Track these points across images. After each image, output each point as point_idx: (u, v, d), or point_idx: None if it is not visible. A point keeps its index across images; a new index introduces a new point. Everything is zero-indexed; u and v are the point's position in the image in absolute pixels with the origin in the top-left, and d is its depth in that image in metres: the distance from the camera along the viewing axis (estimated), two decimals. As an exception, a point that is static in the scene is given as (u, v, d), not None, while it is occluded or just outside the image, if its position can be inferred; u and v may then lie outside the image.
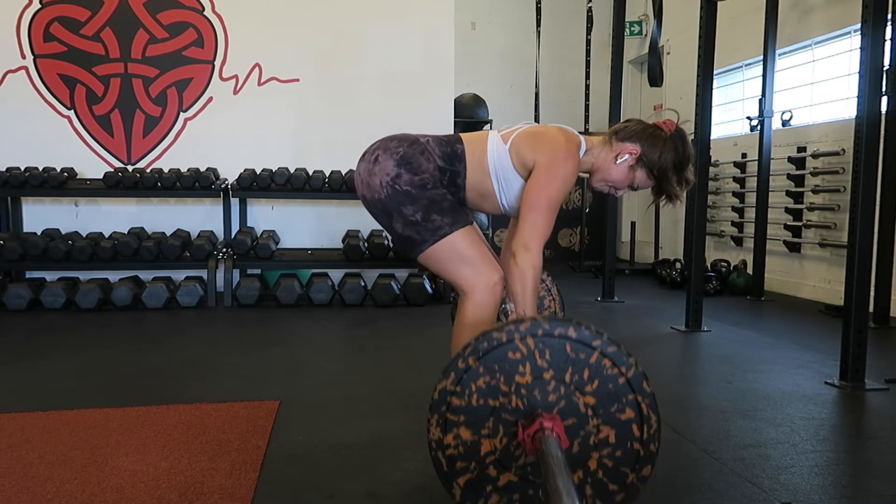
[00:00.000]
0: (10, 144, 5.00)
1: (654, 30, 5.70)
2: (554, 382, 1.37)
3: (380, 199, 1.84)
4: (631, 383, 1.38)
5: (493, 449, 1.39)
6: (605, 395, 1.38)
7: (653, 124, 1.88)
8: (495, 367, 1.37)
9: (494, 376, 1.37)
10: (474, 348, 1.37)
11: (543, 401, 1.37)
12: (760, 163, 5.14)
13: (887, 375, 2.82)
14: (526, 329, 1.36)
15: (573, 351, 1.37)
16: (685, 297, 3.94)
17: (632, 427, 1.39)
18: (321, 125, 5.35)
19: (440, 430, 1.38)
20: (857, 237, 2.67)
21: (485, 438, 1.38)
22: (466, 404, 1.37)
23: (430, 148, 1.87)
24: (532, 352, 1.37)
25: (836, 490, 1.80)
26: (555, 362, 1.37)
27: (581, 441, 1.38)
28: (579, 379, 1.37)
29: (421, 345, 3.55)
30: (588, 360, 1.37)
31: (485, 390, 1.37)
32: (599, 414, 1.38)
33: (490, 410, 1.38)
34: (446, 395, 1.37)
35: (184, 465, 1.88)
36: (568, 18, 7.91)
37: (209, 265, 4.64)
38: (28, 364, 3.05)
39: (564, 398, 1.37)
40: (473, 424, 1.38)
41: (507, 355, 1.37)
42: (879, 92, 2.72)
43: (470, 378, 1.37)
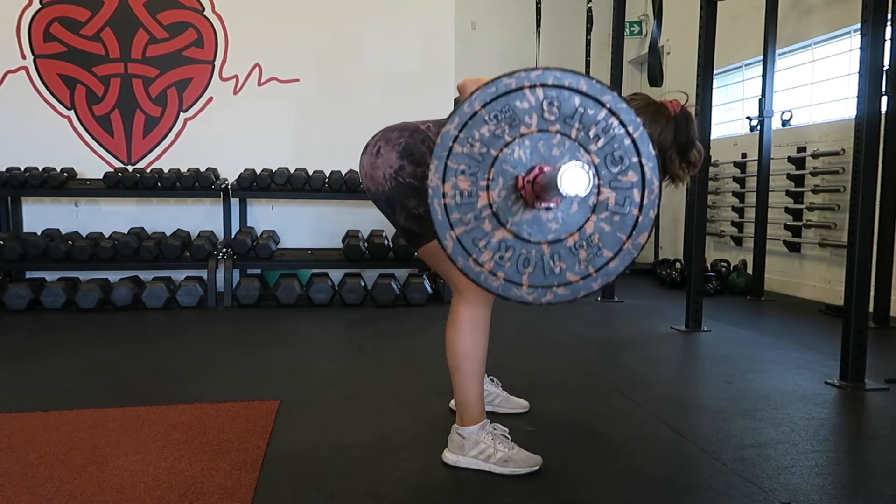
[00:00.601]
0: (10, 144, 5.00)
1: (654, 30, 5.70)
2: (559, 136, 1.31)
3: (384, 192, 1.83)
4: (637, 145, 1.32)
5: (491, 202, 1.33)
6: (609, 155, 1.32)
7: (659, 101, 1.87)
8: (501, 115, 1.31)
9: (499, 125, 1.31)
10: (483, 93, 1.30)
11: (547, 154, 1.31)
12: (760, 163, 5.14)
13: (887, 375, 2.82)
14: (537, 77, 1.30)
15: (582, 105, 1.31)
16: (685, 297, 3.94)
17: (633, 192, 1.33)
18: (321, 125, 5.35)
19: (439, 178, 1.32)
20: (857, 237, 2.67)
21: (483, 191, 1.33)
22: (468, 152, 1.31)
23: (432, 134, 1.86)
24: (540, 102, 1.30)
25: (836, 490, 1.80)
26: (562, 115, 1.31)
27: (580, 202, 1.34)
28: (585, 135, 1.32)
29: (421, 345, 3.55)
30: (596, 117, 1.31)
31: (488, 138, 1.31)
32: (602, 175, 1.32)
33: (492, 160, 1.32)
34: (449, 139, 1.31)
35: (184, 465, 1.88)
36: (568, 18, 7.91)
37: (209, 265, 4.64)
38: (28, 364, 3.05)
39: (568, 153, 1.32)
40: (473, 174, 1.32)
41: (514, 104, 1.30)
42: (879, 92, 2.72)
43: (474, 125, 1.31)
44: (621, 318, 4.38)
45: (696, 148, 1.86)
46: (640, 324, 4.15)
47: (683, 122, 1.84)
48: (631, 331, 3.98)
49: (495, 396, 2.35)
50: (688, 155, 1.84)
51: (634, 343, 3.61)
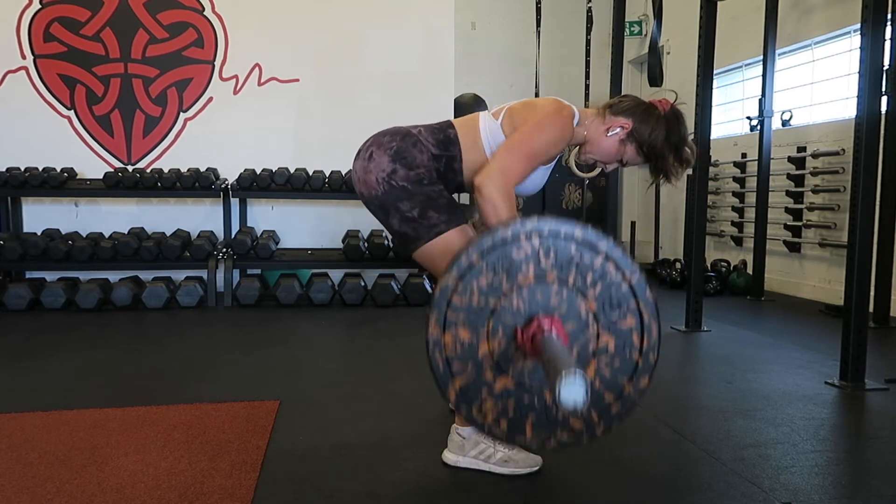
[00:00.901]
0: (10, 144, 5.00)
1: (654, 30, 5.70)
2: (556, 284, 1.32)
3: (377, 196, 1.84)
4: (634, 290, 1.33)
5: (492, 351, 1.34)
6: (607, 301, 1.33)
7: (648, 102, 1.88)
8: (498, 265, 1.32)
9: (497, 275, 1.32)
10: (479, 245, 1.32)
11: (545, 303, 1.32)
12: (760, 163, 5.14)
13: (887, 375, 2.82)
14: (532, 227, 1.31)
15: (577, 252, 1.32)
16: (685, 297, 3.94)
17: (632, 336, 1.35)
18: (321, 125, 5.35)
19: (439, 329, 1.33)
20: (857, 237, 2.67)
21: (483, 340, 1.33)
22: (467, 303, 1.32)
23: (423, 138, 1.87)
24: (536, 251, 1.32)
25: (836, 490, 1.80)
26: (558, 263, 1.32)
27: (580, 347, 1.34)
28: (582, 282, 1.32)
29: (421, 345, 3.52)
30: (592, 263, 1.32)
31: (486, 289, 1.32)
32: (600, 320, 1.34)
33: (491, 310, 1.32)
34: (448, 292, 1.32)
35: (184, 465, 1.88)
36: (568, 18, 7.91)
37: (209, 265, 4.64)
38: (28, 364, 3.05)
39: (566, 301, 1.32)
40: (473, 324, 1.33)
41: (511, 254, 1.32)
42: (879, 92, 2.72)
43: (472, 276, 1.32)
44: (621, 318, 4.38)
45: (689, 145, 1.87)
46: (640, 324, 4.15)
47: (674, 120, 1.85)
48: (631, 331, 3.97)
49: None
50: (681, 153, 1.85)
51: (634, 343, 3.61)
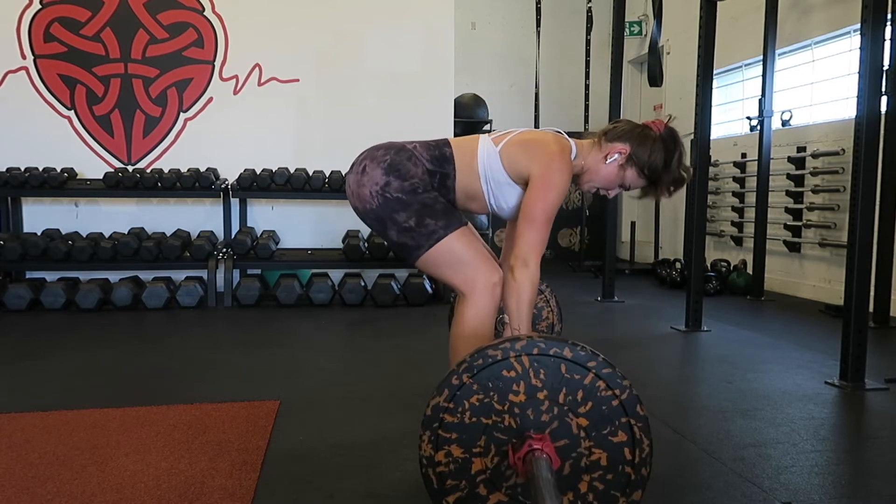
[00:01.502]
0: (10, 144, 5.00)
1: (653, 30, 5.70)
2: (547, 403, 1.36)
3: (372, 209, 1.84)
4: (625, 406, 1.36)
5: (485, 468, 1.38)
6: (598, 418, 1.36)
7: (642, 124, 1.89)
8: (489, 384, 1.36)
9: (488, 394, 1.36)
10: (469, 365, 1.36)
11: (536, 421, 1.36)
12: (760, 163, 5.14)
13: (887, 375, 2.82)
14: (521, 347, 1.35)
15: (568, 371, 1.36)
16: (685, 296, 3.94)
17: (624, 451, 1.37)
18: (321, 125, 5.35)
19: (432, 447, 1.37)
20: (857, 237, 2.67)
21: (476, 457, 1.37)
22: (459, 421, 1.36)
23: (418, 153, 1.87)
24: (527, 370, 1.36)
25: (836, 490, 1.80)
26: (549, 382, 1.36)
27: (573, 463, 1.37)
28: (573, 400, 1.36)
29: (421, 345, 3.55)
30: (582, 381, 1.36)
31: (478, 408, 1.36)
32: (592, 436, 1.37)
33: (483, 428, 1.37)
34: (439, 411, 1.36)
35: (184, 466, 1.88)
36: (568, 18, 7.91)
37: (209, 265, 4.64)
38: (28, 364, 3.05)
39: (557, 419, 1.36)
40: (465, 442, 1.37)
41: (501, 373, 1.36)
42: (879, 92, 2.72)
43: (463, 395, 1.36)
44: (621, 318, 4.38)
45: (683, 165, 1.88)
46: (640, 324, 4.15)
47: (670, 139, 1.85)
48: (631, 331, 3.98)
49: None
50: (678, 173, 1.86)
51: (634, 343, 3.61)
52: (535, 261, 1.75)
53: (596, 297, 5.01)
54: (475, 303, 1.82)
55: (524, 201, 1.81)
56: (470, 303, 1.83)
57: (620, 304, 4.81)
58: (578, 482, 1.38)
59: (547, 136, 1.88)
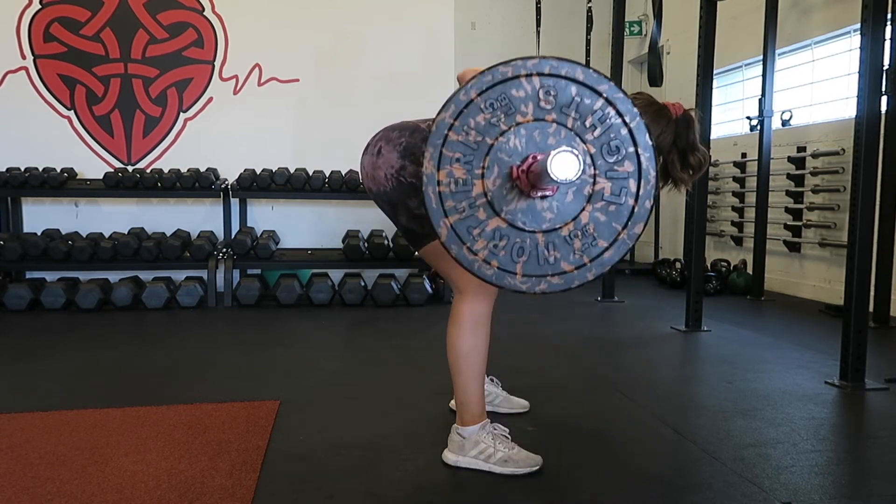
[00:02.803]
0: (10, 144, 5.00)
1: (653, 30, 5.70)
2: (555, 125, 1.31)
3: (385, 192, 1.83)
4: (633, 134, 1.31)
5: (486, 190, 1.33)
6: (605, 145, 1.31)
7: (662, 103, 1.87)
8: (497, 103, 1.30)
9: (495, 113, 1.30)
10: (479, 81, 1.30)
11: (542, 143, 1.30)
12: (760, 163, 5.14)
13: (887, 375, 2.82)
14: (533, 66, 1.30)
15: (578, 94, 1.30)
16: (685, 296, 3.94)
17: (629, 182, 1.32)
18: (321, 125, 5.35)
19: (434, 165, 1.31)
20: (857, 237, 2.67)
21: (478, 179, 1.32)
22: (464, 140, 1.31)
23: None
24: (536, 91, 1.30)
25: (836, 490, 1.80)
26: (558, 104, 1.30)
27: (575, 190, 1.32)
28: (581, 125, 1.31)
29: (421, 345, 3.55)
30: (592, 106, 1.30)
31: (483, 127, 1.31)
32: (598, 165, 1.31)
33: (487, 149, 1.31)
34: (444, 127, 1.31)
35: (184, 466, 1.88)
36: (568, 18, 7.91)
37: (209, 265, 4.64)
38: (28, 364, 3.05)
39: (564, 143, 1.31)
40: (468, 162, 1.31)
41: (510, 92, 1.30)
42: (879, 92, 2.72)
43: (470, 113, 1.30)
44: (621, 318, 4.38)
45: (700, 152, 1.85)
46: (640, 324, 4.15)
47: (684, 125, 1.83)
48: (631, 331, 3.98)
49: (495, 396, 2.35)
50: (688, 159, 1.83)
51: (634, 343, 3.61)
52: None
53: (596, 297, 5.01)
54: (471, 300, 1.82)
55: None
56: (466, 299, 1.82)
57: (620, 304, 4.81)
58: (580, 211, 1.34)
59: None
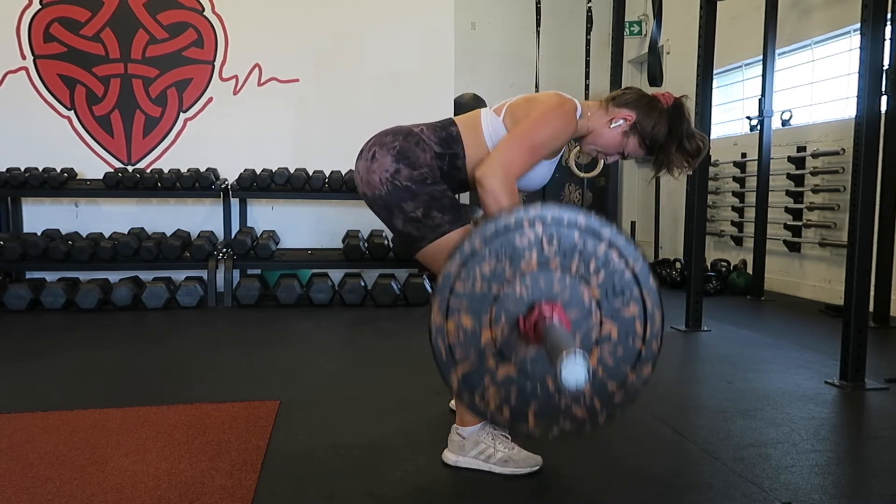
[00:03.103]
0: (10, 145, 5.00)
1: (653, 30, 5.70)
2: (559, 272, 1.32)
3: (380, 196, 1.84)
4: (637, 277, 1.32)
5: (494, 338, 1.33)
6: (610, 289, 1.32)
7: (651, 95, 1.88)
8: (501, 252, 1.31)
9: (500, 262, 1.31)
10: (482, 232, 1.31)
11: (548, 290, 1.32)
12: (760, 162, 5.14)
13: (887, 375, 2.82)
14: (535, 214, 1.31)
15: (581, 239, 1.31)
16: (685, 296, 3.94)
17: (635, 324, 1.33)
18: (321, 125, 5.35)
19: (441, 316, 1.32)
20: (857, 237, 2.67)
21: (486, 327, 1.33)
22: (470, 290, 1.32)
23: (425, 136, 1.87)
24: (539, 238, 1.31)
25: (836, 490, 1.80)
26: (562, 251, 1.31)
27: (583, 335, 1.33)
28: (585, 270, 1.32)
29: (421, 345, 3.53)
30: (595, 251, 1.31)
31: (489, 276, 1.32)
32: (603, 308, 1.33)
33: (493, 298, 1.32)
34: (450, 279, 1.31)
35: (184, 466, 1.88)
36: (568, 18, 7.91)
37: (209, 265, 4.64)
38: (28, 364, 3.05)
39: (569, 289, 1.32)
40: (475, 311, 1.32)
41: (514, 241, 1.31)
42: (879, 92, 2.72)
43: (475, 263, 1.31)
44: (621, 317, 4.37)
45: (696, 137, 1.85)
46: (640, 324, 4.14)
47: (676, 114, 1.84)
48: (631, 331, 3.97)
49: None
50: (685, 146, 1.84)
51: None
52: (505, 172, 1.64)
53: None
54: None
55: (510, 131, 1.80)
56: None
57: (620, 304, 4.81)
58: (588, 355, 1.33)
59: (549, 93, 1.88)
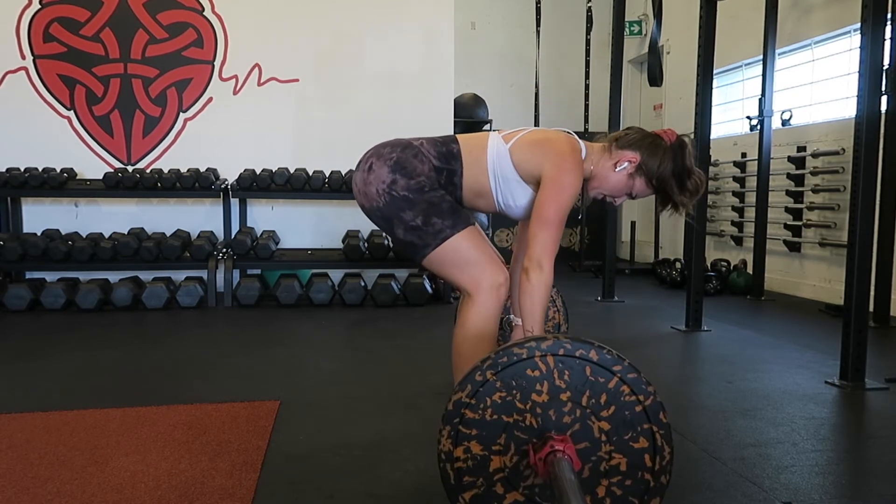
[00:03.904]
0: (10, 145, 5.00)
1: (653, 29, 5.70)
2: (570, 404, 1.35)
3: (378, 207, 1.83)
4: (647, 412, 1.36)
5: (503, 466, 1.37)
6: (620, 422, 1.36)
7: (653, 133, 1.87)
8: (513, 382, 1.35)
9: (511, 392, 1.35)
10: (493, 362, 1.35)
11: (558, 422, 1.35)
12: (760, 162, 5.14)
13: (887, 375, 2.82)
14: (547, 347, 1.35)
15: (592, 374, 1.35)
16: (685, 296, 3.94)
17: (644, 457, 1.36)
18: (321, 125, 5.35)
19: (451, 443, 1.36)
20: (857, 236, 2.67)
21: (495, 455, 1.36)
22: (480, 418, 1.35)
23: (425, 150, 1.86)
24: (551, 371, 1.35)
25: (836, 490, 1.80)
26: (573, 384, 1.35)
27: (592, 466, 1.36)
28: (596, 403, 1.35)
29: (421, 345, 3.55)
30: (607, 385, 1.35)
31: (500, 405, 1.35)
32: (613, 440, 1.36)
33: (503, 426, 1.36)
34: (461, 406, 1.35)
35: (184, 466, 1.88)
36: (568, 18, 7.91)
37: (209, 265, 4.64)
38: (28, 364, 3.05)
39: (579, 421, 1.35)
40: (485, 439, 1.36)
41: (525, 372, 1.35)
42: (879, 91, 2.72)
43: (486, 392, 1.35)
44: (621, 317, 4.38)
45: (696, 175, 1.86)
46: (640, 323, 4.15)
47: (680, 151, 1.83)
48: (631, 331, 3.98)
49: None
50: (686, 184, 1.84)
51: (634, 343, 3.61)
52: (549, 263, 1.74)
53: (596, 296, 5.01)
54: (480, 303, 1.81)
55: (537, 202, 1.80)
56: (474, 303, 1.82)
57: (621, 304, 4.81)
58: (597, 486, 1.37)
59: (559, 136, 1.86)
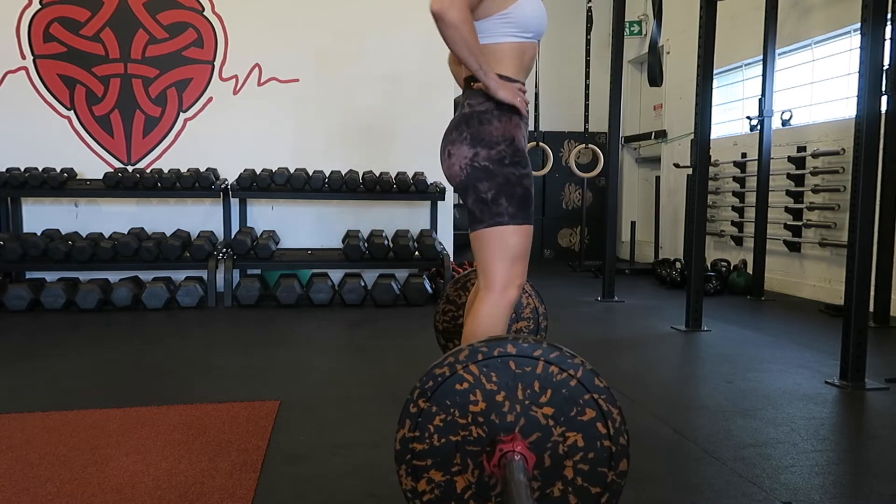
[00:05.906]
0: (10, 144, 5.00)
1: (653, 30, 5.70)
2: (508, 403, 1.35)
3: (462, 181, 1.84)
4: (583, 383, 1.35)
5: (469, 483, 1.37)
6: (561, 402, 1.35)
7: None
8: (447, 402, 1.35)
9: (449, 412, 1.35)
10: (421, 390, 1.36)
11: (503, 423, 1.35)
12: (760, 162, 5.14)
13: (887, 375, 2.82)
14: (466, 357, 1.35)
15: (518, 367, 1.35)
16: (685, 296, 3.94)
17: (596, 426, 1.36)
18: (321, 125, 5.34)
19: (411, 479, 1.36)
20: (857, 236, 2.67)
21: (457, 475, 1.36)
22: (430, 447, 1.36)
23: (478, 112, 1.83)
24: (478, 378, 1.35)
25: (836, 490, 1.80)
26: (503, 382, 1.35)
27: (551, 453, 1.36)
28: (532, 392, 1.35)
29: (421, 345, 3.55)
30: (535, 372, 1.35)
31: (443, 428, 1.36)
32: (561, 421, 1.36)
33: (454, 446, 1.36)
34: (407, 442, 1.36)
35: (184, 466, 1.88)
36: (568, 18, 7.91)
37: (209, 265, 4.64)
38: (28, 364, 3.05)
39: (522, 415, 1.35)
40: (442, 465, 1.36)
41: (454, 387, 1.35)
42: (879, 91, 2.72)
43: (426, 420, 1.36)
44: (621, 317, 4.38)
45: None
46: (640, 323, 4.15)
47: None
48: (631, 330, 3.98)
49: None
50: None
51: (635, 343, 3.61)
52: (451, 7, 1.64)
53: (596, 296, 5.01)
54: (493, 302, 1.81)
55: None
56: (492, 295, 1.81)
57: (620, 304, 4.81)
58: (563, 469, 1.37)
59: None
